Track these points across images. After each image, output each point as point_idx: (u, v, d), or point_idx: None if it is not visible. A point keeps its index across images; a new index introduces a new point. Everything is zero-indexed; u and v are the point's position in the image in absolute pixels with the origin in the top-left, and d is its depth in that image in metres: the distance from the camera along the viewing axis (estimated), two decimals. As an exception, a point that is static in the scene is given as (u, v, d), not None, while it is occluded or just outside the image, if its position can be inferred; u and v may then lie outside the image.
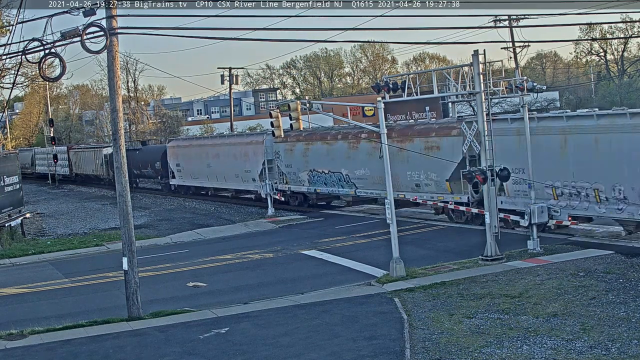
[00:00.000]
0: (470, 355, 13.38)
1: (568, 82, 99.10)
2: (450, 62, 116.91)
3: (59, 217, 43.67)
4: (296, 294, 19.63)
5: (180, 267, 25.36)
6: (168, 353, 15.07)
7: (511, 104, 54.22)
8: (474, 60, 21.88)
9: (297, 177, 37.48)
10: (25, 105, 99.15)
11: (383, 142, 21.25)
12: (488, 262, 21.29)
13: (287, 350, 14.58)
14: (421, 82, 25.22)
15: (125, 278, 18.31)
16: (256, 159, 40.10)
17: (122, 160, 18.43)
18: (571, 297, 16.85)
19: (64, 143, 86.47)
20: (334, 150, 34.85)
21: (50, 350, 15.89)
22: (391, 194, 21.16)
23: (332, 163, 34.83)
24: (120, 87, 18.47)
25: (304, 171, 36.90)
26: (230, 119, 65.37)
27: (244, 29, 46.97)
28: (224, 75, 61.45)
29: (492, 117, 23.17)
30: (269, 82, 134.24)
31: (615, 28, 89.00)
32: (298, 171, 37.38)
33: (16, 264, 28.28)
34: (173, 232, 33.83)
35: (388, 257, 21.01)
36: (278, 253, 26.55)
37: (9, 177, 34.99)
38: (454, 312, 16.32)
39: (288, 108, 22.29)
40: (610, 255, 21.07)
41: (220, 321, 17.27)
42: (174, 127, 77.47)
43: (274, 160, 38.97)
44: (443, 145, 28.48)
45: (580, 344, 13.55)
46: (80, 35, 16.63)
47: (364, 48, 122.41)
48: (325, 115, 31.14)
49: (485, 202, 22.13)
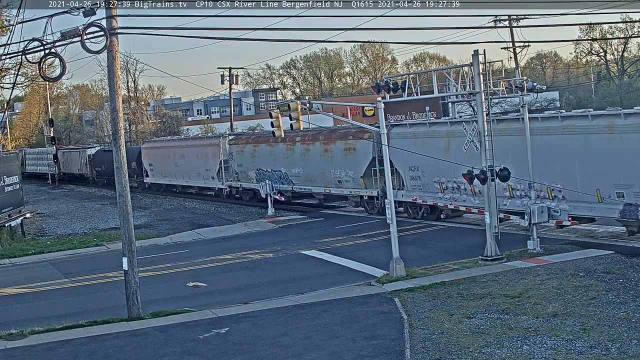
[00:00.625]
0: (470, 355, 13.38)
1: (568, 82, 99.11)
2: (450, 62, 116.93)
3: (59, 217, 43.68)
4: (296, 294, 19.64)
5: (180, 267, 25.37)
6: (168, 353, 15.08)
7: (511, 104, 54.24)
8: (474, 60, 21.88)
9: (247, 175, 42.11)
10: (25, 105, 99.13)
11: (383, 143, 21.24)
12: (488, 262, 21.29)
13: (287, 350, 14.58)
14: (421, 82, 25.21)
15: (125, 278, 18.31)
16: (214, 160, 44.79)
17: (122, 160, 18.44)
18: (571, 297, 16.85)
19: (63, 143, 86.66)
20: (275, 151, 39.15)
21: (50, 350, 15.89)
22: (391, 193, 21.15)
23: (274, 163, 39.36)
24: (120, 87, 18.48)
25: (252, 170, 41.29)
26: (230, 119, 65.37)
27: (244, 29, 47.29)
28: (224, 75, 61.47)
29: (395, 122, 26.66)
30: (269, 82, 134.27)
31: (615, 28, 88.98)
32: (247, 170, 41.86)
33: (16, 264, 28.28)
34: (173, 232, 33.83)
35: (388, 257, 21.01)
36: (278, 253, 26.55)
37: (9, 177, 35.00)
38: (454, 312, 16.32)
39: (288, 108, 22.28)
40: (610, 255, 21.07)
41: (220, 321, 17.27)
42: (174, 127, 77.42)
43: (229, 161, 43.63)
44: (358, 147, 33.00)
45: (580, 344, 13.55)
46: (80, 35, 16.63)
47: (364, 48, 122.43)
48: (325, 115, 31.20)
49: (485, 202, 22.14)
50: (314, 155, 36.24)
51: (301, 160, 37.11)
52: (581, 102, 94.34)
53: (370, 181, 32.29)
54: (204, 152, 46.09)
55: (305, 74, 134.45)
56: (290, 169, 37.99)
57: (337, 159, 34.37)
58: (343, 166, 34.02)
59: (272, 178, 38.97)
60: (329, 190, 35.29)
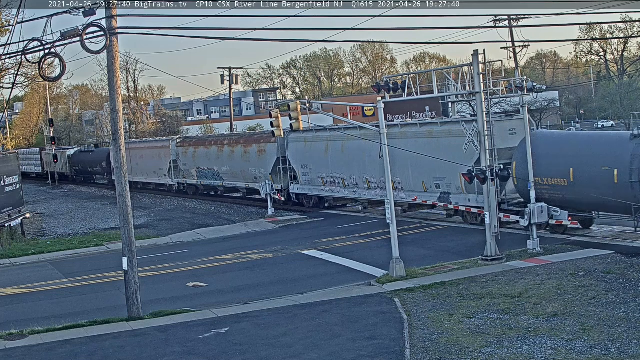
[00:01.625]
0: (470, 355, 13.38)
1: (568, 82, 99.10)
2: (450, 62, 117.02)
3: (59, 217, 43.68)
4: (296, 294, 19.64)
5: (180, 267, 25.37)
6: (168, 353, 15.08)
7: (511, 104, 54.21)
8: (474, 60, 21.87)
9: (190, 173, 48.73)
10: (25, 105, 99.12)
11: (383, 143, 21.22)
12: (488, 262, 21.29)
13: (287, 350, 14.58)
14: (421, 82, 25.22)
15: (125, 278, 18.31)
16: (166, 160, 51.03)
17: (122, 160, 18.42)
18: (571, 297, 16.85)
19: (64, 143, 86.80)
20: (210, 153, 45.86)
21: (50, 350, 15.89)
22: (391, 194, 21.14)
23: (209, 162, 45.89)
24: (120, 87, 18.47)
25: (193, 168, 48.14)
26: (230, 119, 65.39)
27: (244, 29, 47.48)
28: (224, 75, 61.51)
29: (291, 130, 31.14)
30: (269, 82, 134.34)
31: (615, 28, 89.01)
32: (190, 168, 48.57)
33: (16, 264, 28.28)
34: (173, 232, 33.83)
35: (388, 257, 21.01)
36: (278, 253, 26.55)
37: (9, 177, 35.00)
38: (454, 312, 16.32)
39: (288, 108, 22.26)
40: (610, 255, 21.06)
41: (220, 321, 17.28)
42: (174, 127, 77.46)
43: (177, 160, 49.86)
44: (268, 149, 39.64)
45: (580, 344, 13.55)
46: (80, 35, 16.63)
47: (363, 48, 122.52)
48: (325, 115, 31.26)
49: (485, 202, 22.14)
50: (237, 156, 42.70)
51: (228, 160, 43.73)
52: (581, 101, 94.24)
53: (277, 177, 38.82)
54: (158, 153, 52.38)
55: (305, 74, 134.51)
56: (220, 167, 44.70)
57: (253, 159, 41.06)
58: (257, 165, 40.62)
59: (207, 175, 46.36)
60: (249, 185, 41.86)
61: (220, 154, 44.56)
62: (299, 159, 37.34)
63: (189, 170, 48.46)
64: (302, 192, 37.73)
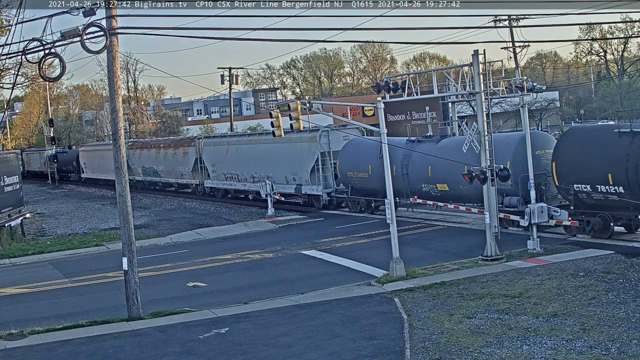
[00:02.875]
0: (470, 355, 13.38)
1: (568, 82, 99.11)
2: (450, 62, 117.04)
3: (59, 217, 43.69)
4: (296, 294, 19.63)
5: (180, 267, 25.37)
6: (168, 353, 15.08)
7: (511, 104, 54.22)
8: (474, 60, 21.87)
9: (138, 171, 57.76)
10: (25, 106, 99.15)
11: (383, 142, 21.23)
12: (488, 262, 21.29)
13: (287, 350, 14.58)
14: (421, 82, 25.22)
15: (125, 278, 18.31)
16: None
17: (122, 160, 18.44)
18: (571, 297, 16.85)
19: (63, 143, 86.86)
20: (151, 154, 55.42)
21: (50, 350, 15.89)
22: (391, 193, 21.14)
23: (150, 162, 55.54)
24: (120, 87, 18.47)
25: (139, 167, 57.45)
26: (230, 119, 65.39)
27: (244, 29, 47.73)
28: (224, 75, 61.49)
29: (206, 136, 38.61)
30: (269, 82, 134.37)
31: (615, 28, 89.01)
32: (137, 167, 57.59)
33: (16, 264, 28.28)
34: (173, 232, 33.83)
35: (388, 257, 21.01)
36: (278, 253, 26.55)
37: (9, 177, 34.99)
38: (454, 312, 16.32)
39: (288, 108, 22.26)
40: (610, 255, 21.07)
41: (220, 321, 17.27)
42: (174, 127, 77.47)
43: (129, 160, 54.49)
44: (189, 151, 49.26)
45: (580, 344, 13.55)
46: (80, 35, 16.62)
47: (363, 48, 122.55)
48: (325, 115, 31.29)
49: (485, 202, 22.14)
50: (170, 156, 52.13)
51: (163, 160, 53.26)
52: (581, 101, 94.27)
53: (196, 174, 48.71)
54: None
55: (305, 74, 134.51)
56: (158, 166, 54.24)
57: (179, 159, 50.71)
58: (182, 164, 50.25)
59: (149, 173, 56.02)
60: (178, 181, 51.83)
61: (158, 155, 54.02)
62: (210, 159, 46.80)
63: (137, 168, 57.68)
64: (212, 185, 47.10)
